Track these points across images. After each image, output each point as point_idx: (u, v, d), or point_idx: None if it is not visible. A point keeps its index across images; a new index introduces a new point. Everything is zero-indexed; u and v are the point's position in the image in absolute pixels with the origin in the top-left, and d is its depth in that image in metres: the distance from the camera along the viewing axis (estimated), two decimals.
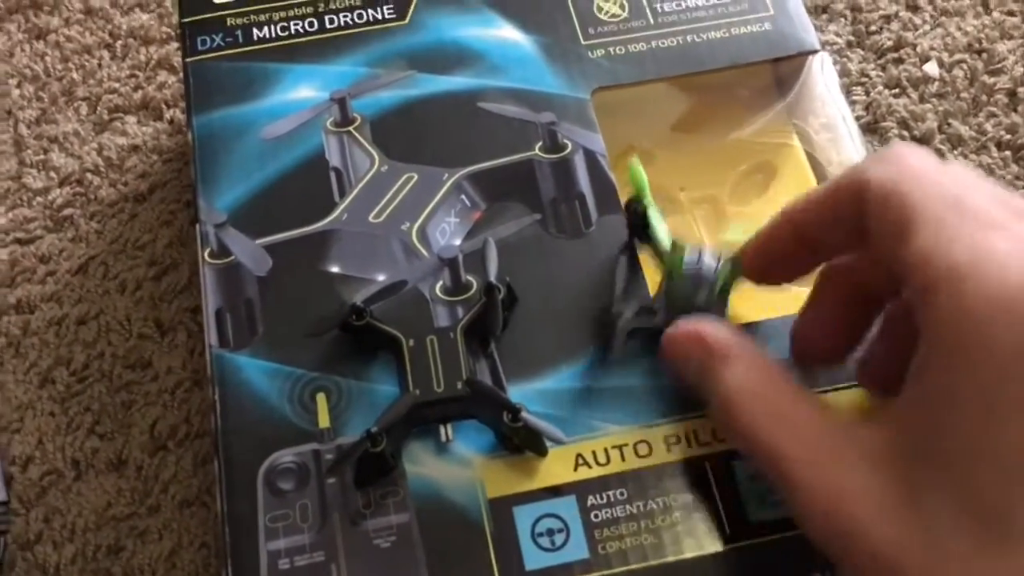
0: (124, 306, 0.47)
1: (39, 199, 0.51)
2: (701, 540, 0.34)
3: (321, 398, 0.37)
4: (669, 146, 0.45)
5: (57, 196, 0.51)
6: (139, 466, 0.43)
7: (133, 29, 0.55)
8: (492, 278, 0.38)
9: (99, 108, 0.53)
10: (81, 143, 0.52)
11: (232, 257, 0.40)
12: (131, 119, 0.53)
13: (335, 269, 0.40)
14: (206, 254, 0.40)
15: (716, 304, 0.36)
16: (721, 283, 0.37)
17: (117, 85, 0.53)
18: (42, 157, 0.52)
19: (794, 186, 0.44)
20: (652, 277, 0.39)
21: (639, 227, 0.40)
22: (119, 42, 0.55)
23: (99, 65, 0.54)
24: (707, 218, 0.44)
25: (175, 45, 0.54)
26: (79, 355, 0.46)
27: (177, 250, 0.49)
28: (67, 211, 0.50)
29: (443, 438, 0.36)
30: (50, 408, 0.45)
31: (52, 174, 0.51)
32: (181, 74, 0.51)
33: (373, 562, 0.34)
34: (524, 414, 0.34)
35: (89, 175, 0.51)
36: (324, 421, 0.37)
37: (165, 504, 0.42)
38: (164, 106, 0.53)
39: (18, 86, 0.53)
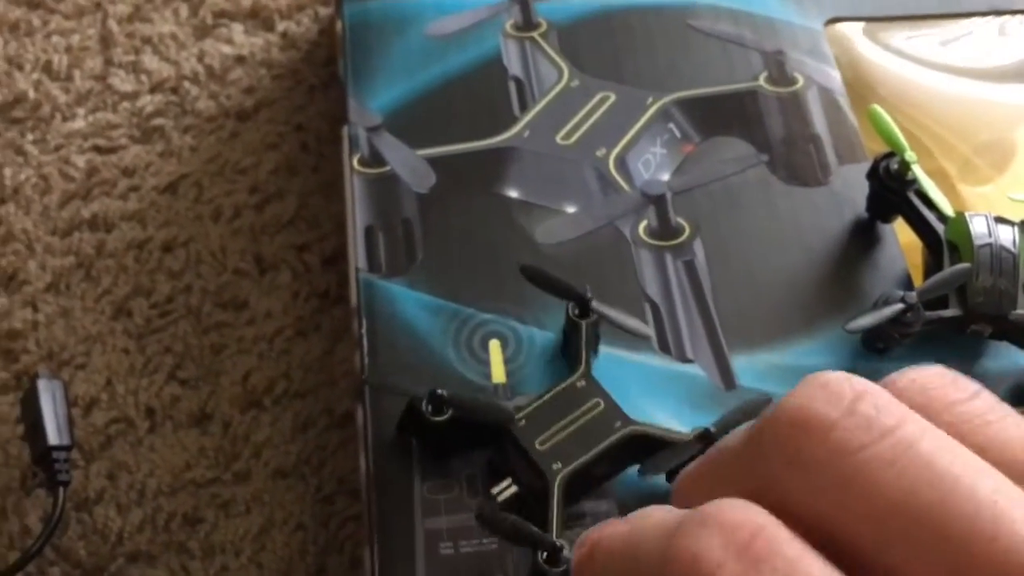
0: (219, 235, 0.42)
1: (126, 104, 0.46)
2: None
3: (495, 346, 0.31)
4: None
5: (147, 103, 0.46)
6: (226, 423, 0.38)
7: None
8: None
9: (201, 11, 0.48)
10: (179, 47, 0.47)
11: (387, 167, 0.35)
12: (237, 27, 0.48)
13: (513, 193, 0.35)
14: (355, 161, 0.35)
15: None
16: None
17: None
18: (132, 58, 0.47)
19: None
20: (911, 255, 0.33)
21: (895, 189, 0.33)
22: None
23: None
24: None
25: None
26: (162, 285, 0.41)
27: (284, 178, 0.43)
28: (157, 121, 0.45)
29: None
30: (123, 344, 0.39)
31: (143, 78, 0.46)
32: None
33: None
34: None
35: (186, 83, 0.46)
36: (499, 374, 0.31)
37: (256, 472, 0.37)
38: (277, 16, 0.48)
39: None
